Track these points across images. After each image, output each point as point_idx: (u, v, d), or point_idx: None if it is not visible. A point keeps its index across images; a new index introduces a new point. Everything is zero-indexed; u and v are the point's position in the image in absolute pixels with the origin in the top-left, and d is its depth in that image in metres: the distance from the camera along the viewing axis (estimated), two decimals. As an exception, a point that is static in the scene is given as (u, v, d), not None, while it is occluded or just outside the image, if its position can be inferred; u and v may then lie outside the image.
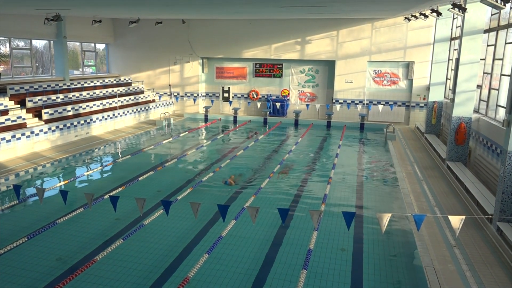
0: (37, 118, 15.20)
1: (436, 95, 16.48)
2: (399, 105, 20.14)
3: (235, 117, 21.16)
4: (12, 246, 6.89)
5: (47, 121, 15.17)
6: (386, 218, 5.73)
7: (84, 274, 6.13)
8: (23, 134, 13.50)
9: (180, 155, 13.93)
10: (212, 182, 10.78)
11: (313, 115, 21.49)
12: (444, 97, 16.82)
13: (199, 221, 8.18)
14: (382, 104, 20.00)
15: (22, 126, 14.02)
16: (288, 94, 21.89)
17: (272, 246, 7.36)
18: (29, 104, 15.48)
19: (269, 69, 21.99)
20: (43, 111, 15.31)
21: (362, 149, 15.46)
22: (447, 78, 16.95)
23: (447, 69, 16.75)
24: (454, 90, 12.11)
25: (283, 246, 7.37)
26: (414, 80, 19.70)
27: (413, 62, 19.57)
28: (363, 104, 20.47)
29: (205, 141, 17.00)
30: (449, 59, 16.70)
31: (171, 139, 16.50)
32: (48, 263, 6.66)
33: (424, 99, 19.54)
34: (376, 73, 20.24)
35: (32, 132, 13.86)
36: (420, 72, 19.55)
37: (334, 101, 20.81)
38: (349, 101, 20.62)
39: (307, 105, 20.61)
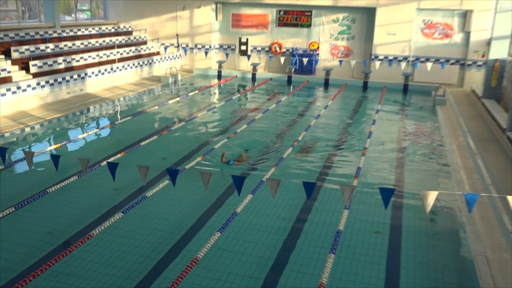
0: (24, 71, 15.36)
1: (499, 52, 16.02)
2: (452, 63, 19.66)
3: (253, 74, 21.00)
4: (-3, 216, 7.11)
5: (35, 75, 15.32)
6: (431, 196, 5.68)
7: (78, 250, 6.30)
8: (8, 90, 13.68)
9: (189, 118, 13.97)
10: (227, 150, 10.81)
11: (347, 73, 21.18)
12: (508, 54, 16.29)
13: (210, 194, 8.27)
14: (431, 62, 19.50)
15: (7, 80, 14.19)
16: (318, 47, 21.55)
17: (295, 225, 7.41)
18: (15, 55, 15.61)
19: (296, 17, 21.57)
20: (31, 63, 15.43)
21: (405, 116, 15.26)
22: (513, 31, 16.36)
23: (514, 19, 16.13)
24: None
25: (307, 226, 7.41)
26: (472, 33, 19.09)
27: (472, 10, 18.89)
28: (408, 61, 20.05)
29: (218, 101, 16.97)
30: (517, 8, 16.05)
31: (178, 98, 16.53)
32: (38, 236, 6.86)
33: (483, 56, 18.99)
34: (425, 23, 19.70)
35: (18, 88, 14.04)
36: (479, 23, 18.88)
37: (372, 57, 20.42)
38: (391, 58, 20.20)
39: (340, 62, 20.27)
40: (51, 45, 17.10)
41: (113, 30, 21.71)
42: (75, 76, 16.37)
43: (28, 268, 5.97)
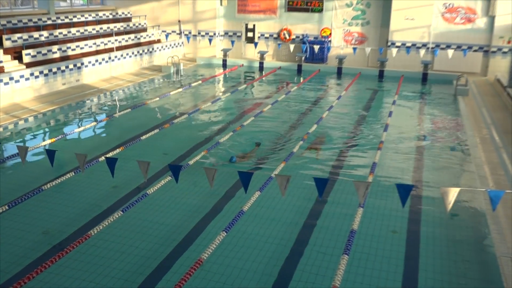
0: (16, 61, 15.43)
1: (526, 38, 15.85)
2: (475, 50, 19.53)
3: (261, 63, 20.97)
4: (-10, 215, 7.17)
5: (28, 65, 15.39)
6: (452, 193, 5.66)
7: (75, 251, 6.33)
8: (0, 81, 13.76)
9: (192, 110, 13.99)
10: (231, 144, 10.83)
11: (362, 61, 21.09)
12: (536, 40, 16.17)
13: (215, 192, 8.28)
14: (452, 49, 19.37)
15: (-2, 70, 14.30)
16: (330, 34, 21.48)
17: (306, 224, 7.41)
18: (7, 43, 15.68)
19: (306, 1, 21.49)
20: (24, 52, 15.50)
21: (424, 107, 15.19)
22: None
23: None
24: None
25: (319, 225, 7.41)
26: (497, 18, 18.94)
27: (497, -7, 18.78)
28: (428, 48, 19.94)
29: (223, 92, 16.97)
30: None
31: (180, 89, 16.55)
32: (33, 237, 6.91)
33: (509, 42, 18.84)
34: (446, 7, 19.56)
35: (11, 78, 14.12)
36: (505, 7, 18.71)
37: (389, 44, 20.32)
38: (409, 44, 20.09)
39: (354, 49, 20.17)
40: (45, 33, 17.15)
41: (110, 17, 21.74)
42: (71, 66, 16.43)
43: (23, 270, 6.02)
